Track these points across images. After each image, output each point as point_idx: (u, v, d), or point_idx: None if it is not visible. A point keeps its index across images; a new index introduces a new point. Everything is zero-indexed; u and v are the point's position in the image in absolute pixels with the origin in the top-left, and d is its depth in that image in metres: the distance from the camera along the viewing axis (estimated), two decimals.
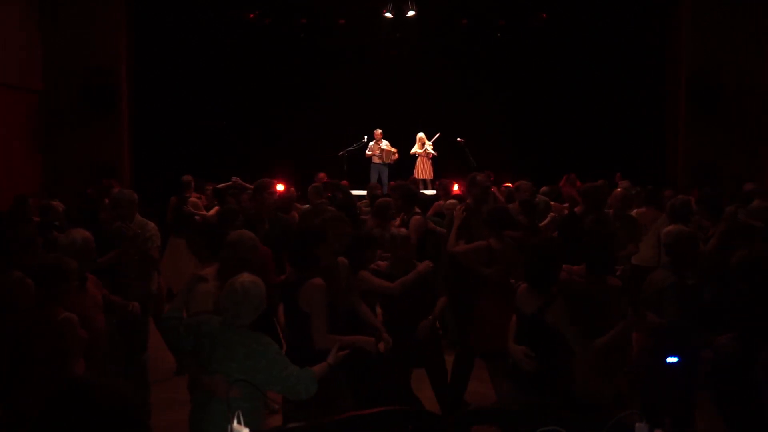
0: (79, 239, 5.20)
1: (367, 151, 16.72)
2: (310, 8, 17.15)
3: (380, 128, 16.85)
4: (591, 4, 16.22)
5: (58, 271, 4.41)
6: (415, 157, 16.77)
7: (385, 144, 16.71)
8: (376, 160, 16.72)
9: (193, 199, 11.52)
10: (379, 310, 6.23)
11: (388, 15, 16.92)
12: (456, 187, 12.45)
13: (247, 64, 17.38)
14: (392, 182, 12.13)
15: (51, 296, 4.37)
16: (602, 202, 7.72)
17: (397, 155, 16.71)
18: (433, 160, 16.71)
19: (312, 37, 17.63)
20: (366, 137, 16.72)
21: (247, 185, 11.12)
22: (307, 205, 9.65)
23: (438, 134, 16.61)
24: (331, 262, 5.32)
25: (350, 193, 11.78)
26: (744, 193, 9.53)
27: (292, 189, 12.23)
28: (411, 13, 16.84)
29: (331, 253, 5.34)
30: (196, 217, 10.72)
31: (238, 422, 3.74)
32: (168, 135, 15.93)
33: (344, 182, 13.25)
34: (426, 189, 15.53)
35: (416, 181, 15.53)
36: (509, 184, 11.59)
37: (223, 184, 11.97)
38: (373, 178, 16.49)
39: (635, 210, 8.74)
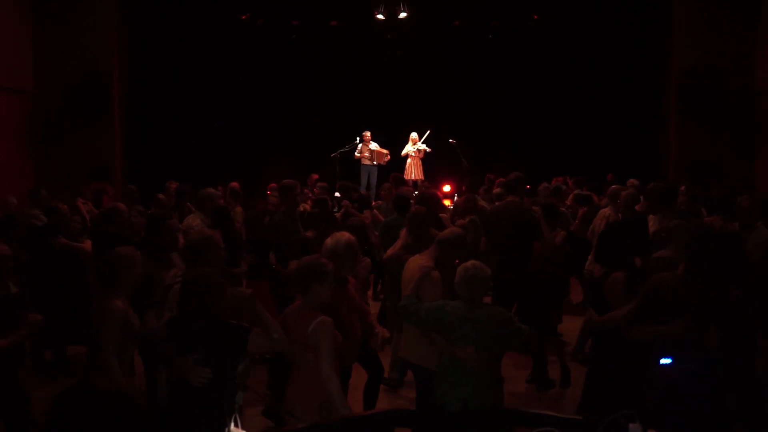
0: (343, 241, 5.08)
1: (356, 153, 16.71)
2: (302, 9, 17.14)
3: (373, 129, 16.85)
4: (583, 4, 16.27)
5: (316, 272, 4.38)
6: (405, 157, 16.77)
7: (374, 145, 16.70)
8: (365, 161, 16.71)
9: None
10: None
11: (380, 16, 16.94)
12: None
13: (239, 66, 17.35)
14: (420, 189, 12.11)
15: (306, 297, 4.37)
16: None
17: (389, 156, 16.72)
18: (425, 160, 16.72)
19: (304, 39, 17.63)
20: (358, 139, 16.72)
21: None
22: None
23: (429, 131, 16.62)
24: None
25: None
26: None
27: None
28: (403, 15, 16.86)
29: (633, 250, 5.77)
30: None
31: (235, 425, 3.77)
32: (161, 136, 15.90)
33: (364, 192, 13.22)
34: (417, 190, 15.54)
35: (407, 182, 15.56)
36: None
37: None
38: (363, 179, 16.53)
39: None
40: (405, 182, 14.02)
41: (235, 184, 11.73)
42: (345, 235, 5.18)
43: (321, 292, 4.37)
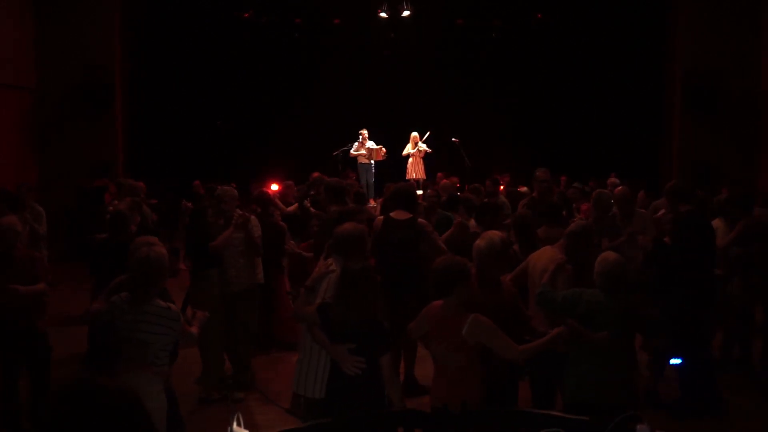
0: (497, 241, 4.98)
1: (352, 151, 16.58)
2: (305, 8, 17.12)
3: (375, 128, 16.77)
4: (587, 4, 16.25)
5: (461, 273, 4.35)
6: (407, 157, 16.70)
7: (370, 144, 16.59)
8: (362, 160, 16.58)
9: None
10: None
11: (383, 15, 16.90)
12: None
13: (241, 63, 17.35)
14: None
15: (450, 298, 4.34)
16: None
17: (384, 150, 16.54)
18: (427, 159, 16.66)
19: (307, 37, 17.61)
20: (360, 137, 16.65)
21: None
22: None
23: (429, 132, 16.55)
24: None
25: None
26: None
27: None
28: (406, 13, 16.83)
29: None
30: None
31: (238, 424, 3.76)
32: (163, 133, 15.90)
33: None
34: (418, 189, 15.46)
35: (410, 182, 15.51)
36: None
37: None
38: (362, 178, 16.43)
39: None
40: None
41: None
42: (497, 234, 5.11)
43: (463, 293, 4.35)
